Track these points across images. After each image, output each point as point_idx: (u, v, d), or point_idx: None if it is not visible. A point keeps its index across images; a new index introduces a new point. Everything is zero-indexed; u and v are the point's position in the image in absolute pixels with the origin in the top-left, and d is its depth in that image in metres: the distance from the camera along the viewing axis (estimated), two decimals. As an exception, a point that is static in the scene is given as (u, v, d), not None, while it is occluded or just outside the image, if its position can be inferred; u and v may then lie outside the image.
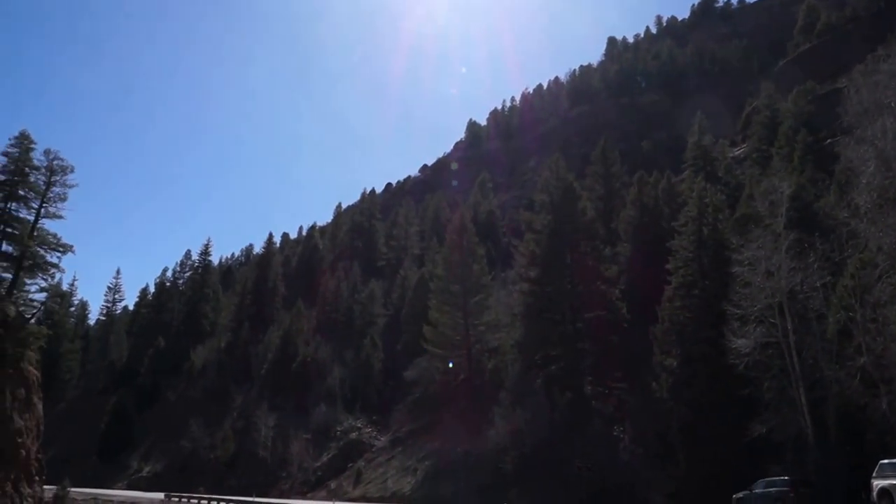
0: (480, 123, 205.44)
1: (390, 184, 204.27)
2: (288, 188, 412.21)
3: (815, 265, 40.84)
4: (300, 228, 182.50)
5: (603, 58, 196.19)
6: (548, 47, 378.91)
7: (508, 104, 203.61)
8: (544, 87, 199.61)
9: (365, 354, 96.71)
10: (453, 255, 77.78)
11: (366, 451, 79.17)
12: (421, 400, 79.21)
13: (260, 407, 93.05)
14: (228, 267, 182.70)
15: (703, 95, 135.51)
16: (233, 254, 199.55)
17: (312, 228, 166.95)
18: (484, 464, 59.86)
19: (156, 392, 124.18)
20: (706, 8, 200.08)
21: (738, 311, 42.31)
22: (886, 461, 31.05)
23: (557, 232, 63.29)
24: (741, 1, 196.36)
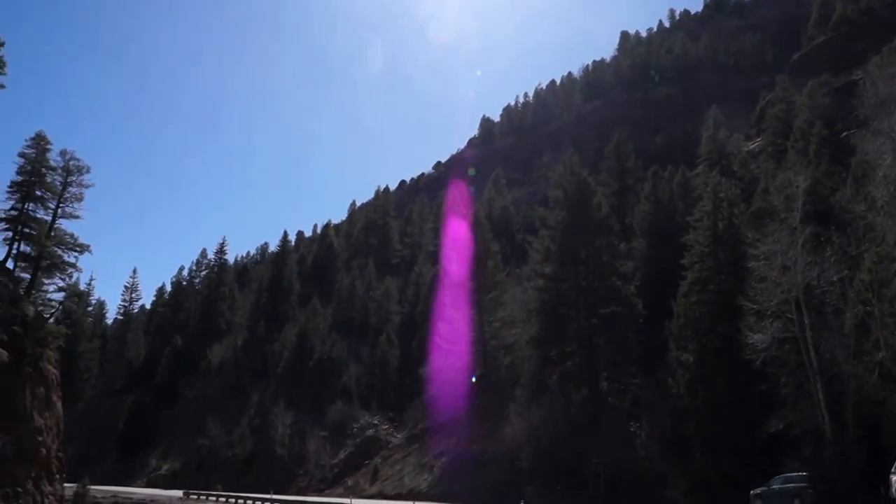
0: (494, 119, 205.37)
1: (404, 181, 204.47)
2: (302, 187, 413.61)
3: (832, 259, 40.57)
4: (315, 227, 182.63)
5: (616, 53, 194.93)
6: (560, 43, 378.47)
7: (521, 100, 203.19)
8: (557, 83, 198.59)
9: (381, 352, 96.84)
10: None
11: (382, 449, 79.36)
12: (437, 397, 79.27)
13: (277, 405, 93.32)
14: (244, 265, 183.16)
15: (718, 89, 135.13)
16: (248, 252, 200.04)
17: (327, 226, 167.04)
18: (500, 461, 59.92)
19: (173, 390, 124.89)
20: (719, 1, 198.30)
21: (755, 306, 42.12)
22: (905, 456, 30.90)
23: (572, 228, 63.11)
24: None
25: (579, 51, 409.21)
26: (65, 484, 45.49)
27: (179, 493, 75.53)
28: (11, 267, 43.25)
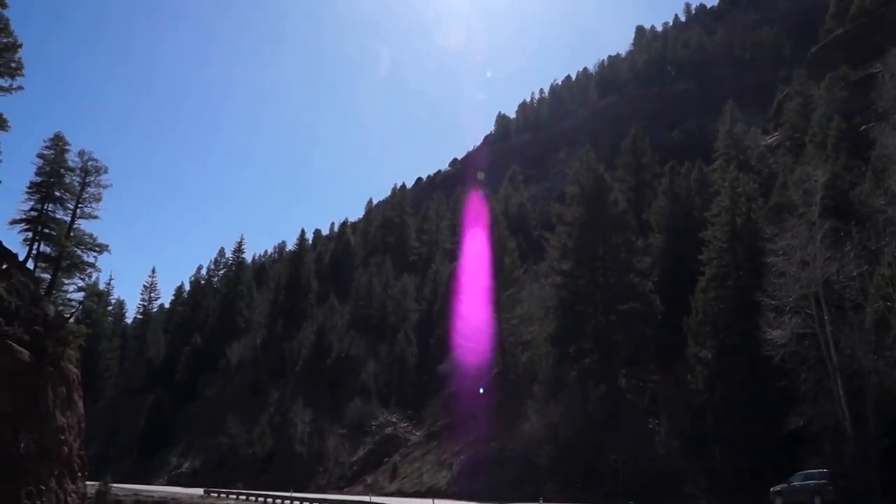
0: (509, 116, 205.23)
1: (420, 178, 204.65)
2: (319, 185, 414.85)
3: (852, 254, 40.20)
4: (332, 225, 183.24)
5: (631, 47, 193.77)
6: (575, 38, 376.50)
7: (537, 96, 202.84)
8: (573, 79, 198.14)
9: (399, 349, 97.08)
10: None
11: (401, 446, 79.54)
12: (455, 394, 79.35)
13: (295, 402, 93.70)
14: (262, 264, 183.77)
15: (734, 83, 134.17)
16: (266, 251, 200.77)
17: (344, 224, 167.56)
18: (518, 458, 59.95)
19: (193, 389, 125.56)
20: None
21: (773, 302, 41.84)
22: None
23: (589, 224, 63.00)
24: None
25: (594, 46, 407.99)
26: (87, 482, 45.92)
27: (200, 492, 76.08)
28: (32, 267, 43.56)
